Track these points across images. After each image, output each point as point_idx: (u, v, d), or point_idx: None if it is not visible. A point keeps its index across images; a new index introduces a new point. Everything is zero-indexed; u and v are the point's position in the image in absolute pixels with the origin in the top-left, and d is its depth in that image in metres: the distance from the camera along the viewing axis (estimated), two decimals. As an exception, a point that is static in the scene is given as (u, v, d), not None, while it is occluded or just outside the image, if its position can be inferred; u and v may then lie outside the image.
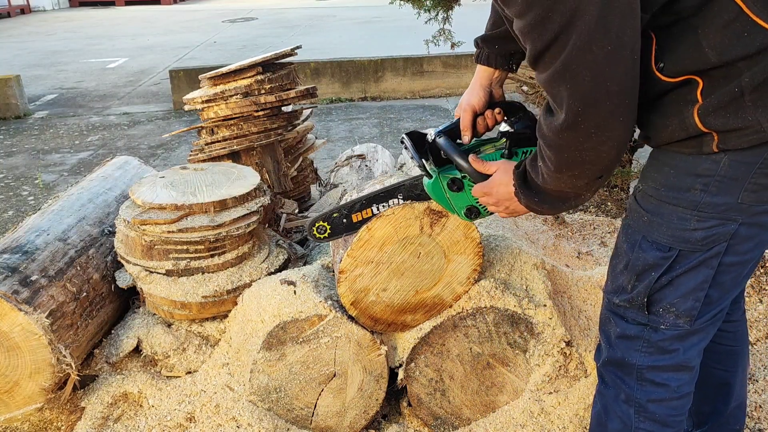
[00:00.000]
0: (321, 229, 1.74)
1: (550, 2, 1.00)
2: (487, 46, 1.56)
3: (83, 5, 18.69)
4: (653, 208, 1.22)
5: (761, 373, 2.16)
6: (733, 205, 1.14)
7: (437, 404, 1.90)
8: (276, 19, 14.15)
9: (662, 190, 1.20)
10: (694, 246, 1.20)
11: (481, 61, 1.57)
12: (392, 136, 5.63)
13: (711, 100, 1.08)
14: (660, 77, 1.12)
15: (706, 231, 1.18)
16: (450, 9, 3.92)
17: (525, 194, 1.30)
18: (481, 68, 1.58)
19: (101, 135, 6.01)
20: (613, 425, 1.43)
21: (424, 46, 4.35)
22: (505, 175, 1.35)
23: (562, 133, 1.10)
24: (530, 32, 1.05)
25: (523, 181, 1.29)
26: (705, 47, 1.05)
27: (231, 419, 1.85)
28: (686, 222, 1.18)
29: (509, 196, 1.34)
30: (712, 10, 1.04)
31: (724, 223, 1.17)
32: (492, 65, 1.56)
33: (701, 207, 1.16)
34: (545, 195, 1.27)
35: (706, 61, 1.06)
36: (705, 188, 1.14)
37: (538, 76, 1.11)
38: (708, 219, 1.16)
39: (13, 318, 1.71)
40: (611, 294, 1.36)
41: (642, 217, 1.25)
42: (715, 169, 1.12)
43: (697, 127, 1.10)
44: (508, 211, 1.40)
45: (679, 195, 1.17)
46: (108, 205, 2.33)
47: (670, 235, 1.21)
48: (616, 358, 1.38)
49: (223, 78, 2.52)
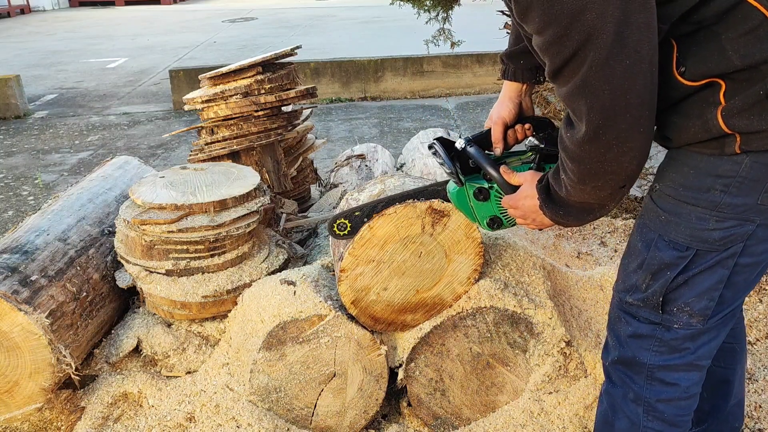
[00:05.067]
0: (341, 226, 1.74)
1: (569, 20, 1.01)
2: (513, 62, 1.58)
3: (83, 5, 18.69)
4: (671, 208, 1.23)
5: (761, 373, 2.16)
6: (753, 206, 1.16)
7: (437, 404, 1.90)
8: (276, 19, 14.15)
9: (681, 189, 1.21)
10: (712, 246, 1.21)
11: (508, 77, 1.59)
12: (392, 136, 5.63)
13: (735, 102, 1.09)
14: (681, 81, 1.13)
15: (724, 231, 1.18)
16: (450, 9, 3.92)
17: (549, 207, 1.31)
18: (508, 82, 1.60)
19: (101, 135, 6.01)
20: (621, 424, 1.43)
21: (424, 46, 4.35)
22: (531, 188, 1.37)
23: (584, 145, 1.11)
24: (549, 49, 1.07)
25: (546, 194, 1.30)
26: (729, 51, 1.07)
27: (231, 419, 1.85)
28: (705, 222, 1.19)
29: (535, 209, 1.35)
30: (735, 18, 1.06)
31: (742, 224, 1.17)
32: (519, 80, 1.58)
33: (721, 207, 1.17)
34: (569, 207, 1.28)
35: (729, 65, 1.08)
36: (725, 189, 1.15)
37: (558, 90, 1.12)
38: (727, 219, 1.17)
39: (13, 318, 1.71)
40: (623, 293, 1.36)
41: (659, 216, 1.25)
42: (736, 170, 1.13)
43: (720, 129, 1.11)
44: (536, 223, 1.41)
45: (699, 195, 1.18)
46: (108, 205, 2.33)
47: (687, 235, 1.21)
48: (626, 357, 1.38)
49: (223, 78, 2.52)
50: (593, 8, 1.00)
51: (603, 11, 1.00)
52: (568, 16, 1.01)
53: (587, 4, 1.00)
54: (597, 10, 1.00)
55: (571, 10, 1.01)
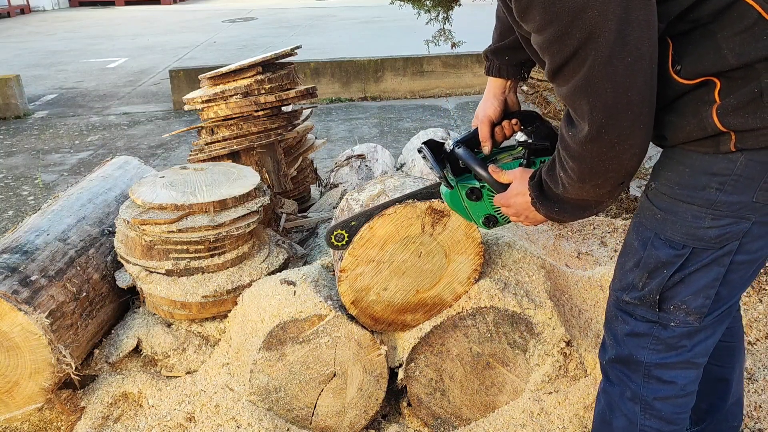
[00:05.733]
0: (339, 237, 1.74)
1: (570, 18, 1.01)
2: (497, 57, 1.57)
3: (83, 5, 18.69)
4: (667, 206, 1.23)
5: (761, 373, 2.16)
6: (748, 204, 1.16)
7: (437, 404, 1.90)
8: (276, 19, 14.15)
9: (677, 188, 1.21)
10: (708, 244, 1.21)
11: (493, 73, 1.58)
12: (392, 136, 5.63)
13: (730, 100, 1.09)
14: (677, 79, 1.14)
15: (719, 229, 1.19)
16: (450, 9, 3.92)
17: (543, 204, 1.30)
18: (492, 79, 1.59)
19: (101, 135, 6.01)
20: (618, 423, 1.43)
21: (424, 46, 4.35)
22: (521, 186, 1.36)
23: (586, 144, 1.11)
24: (549, 47, 1.07)
25: (539, 191, 1.30)
26: (724, 49, 1.07)
27: (231, 419, 1.85)
28: (701, 220, 1.19)
29: (527, 206, 1.35)
30: (731, 17, 1.07)
31: (737, 222, 1.18)
32: (504, 76, 1.57)
33: (716, 205, 1.17)
34: (565, 204, 1.27)
35: (724, 63, 1.08)
36: (721, 187, 1.15)
37: (558, 89, 1.12)
38: (722, 217, 1.18)
39: (13, 318, 1.71)
40: (620, 291, 1.36)
41: (655, 214, 1.25)
42: (731, 168, 1.14)
43: (715, 127, 1.11)
44: (529, 220, 1.41)
45: (694, 193, 1.18)
46: (108, 205, 2.33)
47: (683, 233, 1.22)
48: (623, 356, 1.38)
49: (223, 78, 2.52)
50: (594, 6, 0.99)
51: (604, 9, 0.99)
52: (569, 15, 1.01)
53: (588, 2, 0.99)
54: (598, 8, 0.99)
55: (572, 8, 1.01)
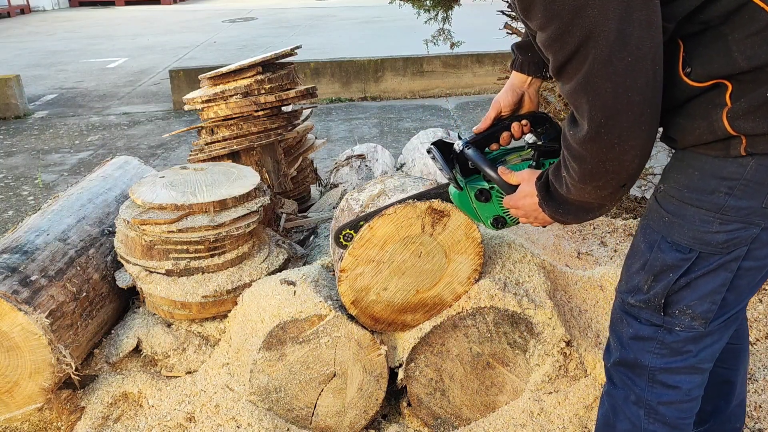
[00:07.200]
0: (347, 237, 1.74)
1: (570, 16, 1.01)
2: (521, 53, 1.57)
3: (83, 5, 18.69)
4: (675, 209, 1.22)
5: (761, 373, 2.16)
6: (757, 210, 1.14)
7: (437, 404, 1.90)
8: (276, 19, 14.15)
9: (685, 191, 1.20)
10: (715, 249, 1.20)
11: (516, 67, 1.59)
12: (392, 136, 5.63)
13: (741, 104, 1.08)
14: (687, 82, 1.13)
15: (728, 234, 1.17)
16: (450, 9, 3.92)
17: (549, 205, 1.30)
18: (514, 73, 1.60)
19: (101, 135, 6.01)
20: (622, 426, 1.43)
21: (424, 46, 4.35)
22: (530, 187, 1.36)
23: (586, 144, 1.11)
24: (551, 45, 1.07)
25: (546, 192, 1.30)
26: (735, 52, 1.06)
27: (231, 419, 1.85)
28: (709, 224, 1.18)
29: (535, 207, 1.35)
30: (742, 19, 1.06)
31: (746, 227, 1.16)
32: (525, 72, 1.58)
33: (725, 210, 1.16)
34: (569, 205, 1.27)
35: (735, 66, 1.07)
36: (730, 191, 1.14)
37: (562, 87, 1.12)
38: (731, 222, 1.16)
39: (13, 318, 1.71)
40: (625, 294, 1.35)
41: (663, 217, 1.24)
42: (741, 173, 1.12)
43: (725, 130, 1.10)
44: (538, 221, 1.41)
45: (703, 197, 1.17)
46: (108, 205, 2.33)
47: (691, 237, 1.21)
48: (628, 359, 1.37)
49: (223, 78, 2.52)
50: (595, 5, 0.99)
51: (604, 8, 0.99)
52: (569, 13, 1.01)
53: (588, 1, 0.99)
54: (598, 6, 0.99)
55: (572, 6, 1.01)
